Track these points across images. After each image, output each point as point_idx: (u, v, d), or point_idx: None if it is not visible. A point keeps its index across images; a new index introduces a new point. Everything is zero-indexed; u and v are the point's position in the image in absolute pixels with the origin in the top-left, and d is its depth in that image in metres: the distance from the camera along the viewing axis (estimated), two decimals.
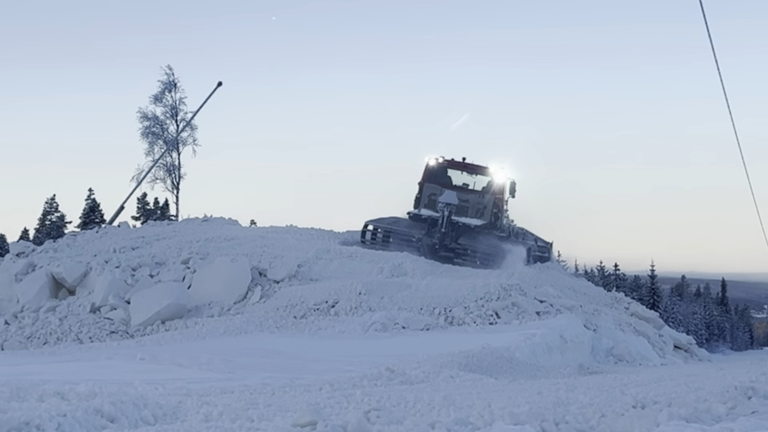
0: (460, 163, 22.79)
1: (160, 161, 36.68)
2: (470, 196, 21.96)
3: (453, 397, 6.21)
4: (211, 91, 34.83)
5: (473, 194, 22.09)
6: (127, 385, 6.75)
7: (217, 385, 7.14)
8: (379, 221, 22.08)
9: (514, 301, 15.90)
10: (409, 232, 21.42)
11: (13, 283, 17.93)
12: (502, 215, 22.33)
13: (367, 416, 4.81)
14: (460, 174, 22.88)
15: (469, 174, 22.82)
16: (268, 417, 5.10)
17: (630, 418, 4.80)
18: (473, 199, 21.85)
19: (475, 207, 21.72)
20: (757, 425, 4.34)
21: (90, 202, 44.37)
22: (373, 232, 21.80)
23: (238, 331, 13.97)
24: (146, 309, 15.71)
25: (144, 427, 4.67)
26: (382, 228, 21.73)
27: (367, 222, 21.97)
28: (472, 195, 22.04)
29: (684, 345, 20.56)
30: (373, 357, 10.47)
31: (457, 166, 22.78)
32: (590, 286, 23.31)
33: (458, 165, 22.77)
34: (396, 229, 21.59)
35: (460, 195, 21.51)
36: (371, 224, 21.89)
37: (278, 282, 17.58)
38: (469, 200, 21.74)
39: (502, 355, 10.97)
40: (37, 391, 5.56)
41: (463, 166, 22.80)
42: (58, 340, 15.40)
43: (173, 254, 19.19)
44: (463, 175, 22.87)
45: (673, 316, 52.24)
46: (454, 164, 22.76)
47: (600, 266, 59.13)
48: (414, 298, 16.02)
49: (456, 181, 22.68)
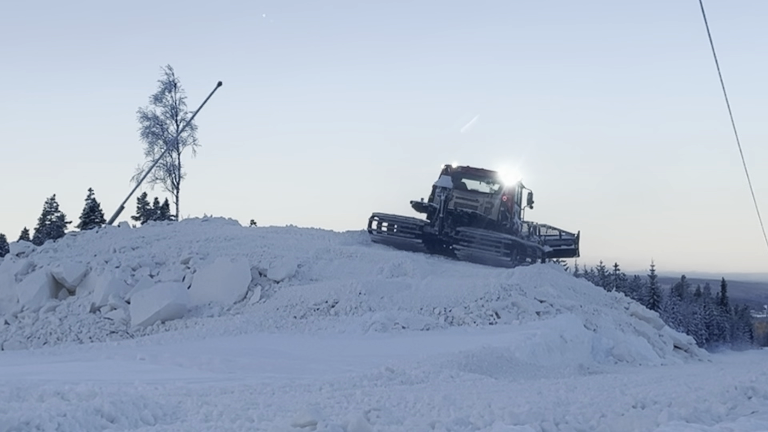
0: (473, 169, 23.72)
1: (160, 161, 36.72)
2: (480, 197, 22.99)
3: (453, 397, 6.21)
4: (211, 91, 34.87)
5: (483, 195, 23.10)
6: (127, 385, 6.75)
7: (217, 385, 7.14)
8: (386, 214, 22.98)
9: (514, 301, 15.91)
10: (413, 221, 22.28)
11: (13, 283, 17.93)
12: (512, 217, 22.93)
13: (367, 416, 4.81)
14: (474, 180, 23.80)
15: (481, 180, 23.78)
16: (268, 417, 5.10)
17: (630, 418, 4.80)
18: (482, 199, 22.85)
19: (483, 206, 22.57)
20: (757, 425, 4.33)
21: (90, 202, 44.40)
22: (379, 222, 22.68)
23: (238, 331, 13.97)
24: (146, 309, 15.71)
25: (144, 427, 4.66)
26: (387, 218, 22.60)
27: (374, 213, 22.74)
28: (482, 196, 23.05)
29: (684, 345, 20.56)
30: (373, 357, 10.47)
31: (470, 171, 23.71)
32: (590, 286, 23.29)
33: (471, 171, 23.72)
34: (400, 219, 22.49)
35: (471, 197, 22.70)
36: (377, 215, 22.72)
37: (278, 282, 17.58)
38: (478, 200, 22.76)
39: (502, 355, 10.96)
40: (37, 391, 5.55)
41: (475, 172, 23.72)
42: (58, 340, 15.40)
43: (173, 254, 19.19)
44: (476, 181, 23.80)
45: (673, 316, 52.26)
46: (467, 170, 23.68)
47: (600, 266, 59.22)
48: (414, 298, 16.03)
49: (471, 186, 23.62)
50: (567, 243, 26.07)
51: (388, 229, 22.73)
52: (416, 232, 21.97)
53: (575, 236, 26.23)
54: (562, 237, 26.10)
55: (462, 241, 21.27)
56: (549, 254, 25.45)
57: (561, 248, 26.27)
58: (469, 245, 21.12)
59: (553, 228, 26.19)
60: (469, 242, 21.15)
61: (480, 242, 21.05)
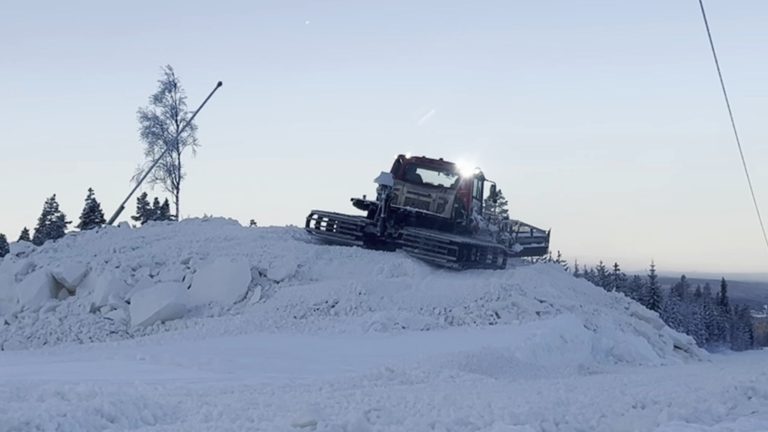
0: (427, 160, 21.73)
1: (160, 161, 36.70)
2: (433, 191, 20.97)
3: (453, 397, 6.21)
4: (211, 91, 34.80)
5: (437, 190, 21.04)
6: (127, 385, 6.74)
7: (217, 385, 7.13)
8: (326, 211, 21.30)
9: (514, 301, 15.91)
10: (354, 220, 20.57)
11: (13, 283, 17.91)
12: (468, 214, 21.11)
13: (367, 416, 4.81)
14: (430, 172, 21.92)
15: (439, 171, 21.79)
16: (268, 417, 5.10)
17: (630, 418, 4.81)
18: (435, 194, 20.82)
19: (436, 203, 20.67)
20: (757, 425, 4.33)
21: (90, 202, 44.44)
22: (318, 220, 21.06)
23: (238, 331, 13.96)
24: (146, 309, 15.70)
25: (144, 427, 4.66)
26: (328, 216, 20.98)
27: (313, 211, 21.15)
28: (435, 191, 21.01)
29: (684, 345, 20.57)
30: (373, 357, 10.45)
31: (425, 162, 21.74)
32: (590, 286, 23.28)
33: (426, 162, 21.73)
34: (342, 217, 20.80)
35: (424, 192, 20.76)
36: (316, 213, 21.08)
37: (278, 282, 17.57)
38: (431, 195, 20.77)
39: (502, 355, 10.96)
40: (37, 391, 5.55)
41: (429, 162, 21.74)
42: (58, 340, 15.39)
43: (173, 254, 19.18)
44: (432, 173, 21.93)
45: (673, 316, 52.26)
46: (421, 161, 21.75)
47: (600, 266, 59.22)
48: (414, 298, 16.03)
49: (427, 178, 21.69)
50: (538, 241, 24.84)
51: (328, 227, 20.95)
52: (356, 233, 20.31)
53: (546, 233, 25.26)
54: (533, 235, 24.86)
55: (406, 244, 19.57)
56: (520, 253, 23.87)
57: (532, 246, 24.89)
58: (413, 248, 19.38)
59: (525, 225, 25.07)
60: (413, 244, 19.42)
61: (425, 244, 19.24)
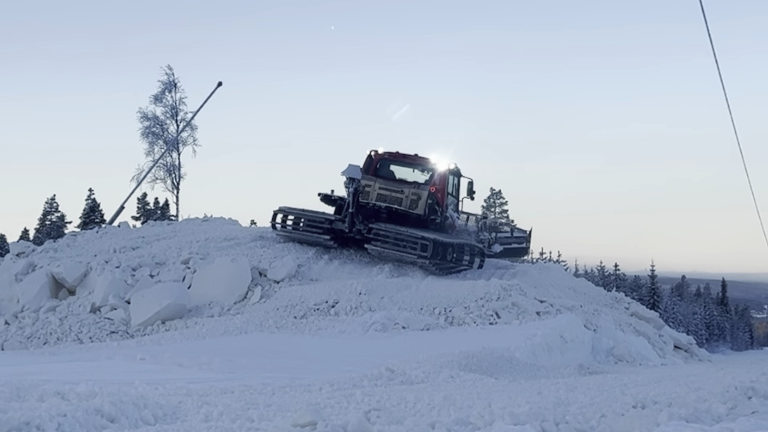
0: (401, 155, 21.15)
1: (160, 161, 36.72)
2: (406, 187, 20.24)
3: (453, 397, 6.20)
4: (211, 91, 34.79)
5: (410, 186, 20.33)
6: (127, 385, 6.74)
7: (217, 385, 7.13)
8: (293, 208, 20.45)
9: (514, 301, 15.91)
10: (321, 216, 19.91)
11: (13, 283, 17.92)
12: (443, 209, 20.51)
13: (367, 416, 4.81)
14: (404, 168, 21.28)
15: (413, 167, 21.14)
16: (268, 417, 5.09)
17: (630, 418, 4.80)
18: (408, 190, 20.10)
19: (409, 199, 19.92)
20: (757, 425, 4.33)
21: (90, 202, 44.48)
22: (284, 217, 20.26)
23: (238, 331, 13.96)
24: (146, 309, 15.70)
25: (144, 427, 4.66)
26: (294, 213, 20.21)
27: (279, 207, 20.31)
28: (408, 187, 20.28)
29: (684, 345, 20.57)
30: (373, 357, 10.45)
31: (398, 158, 21.12)
32: (590, 286, 23.27)
33: (399, 157, 21.12)
34: (308, 214, 20.04)
35: (396, 187, 20.11)
36: (282, 209, 20.28)
37: (278, 282, 17.58)
38: (404, 191, 20.07)
39: (502, 355, 10.95)
40: (37, 391, 5.54)
41: (402, 158, 21.13)
42: (58, 340, 15.40)
43: (173, 254, 19.18)
44: (406, 169, 21.29)
45: (673, 316, 52.29)
46: (394, 157, 21.12)
47: (600, 266, 59.29)
48: (414, 298, 16.04)
49: (400, 174, 21.01)
50: (519, 241, 24.24)
51: (294, 224, 20.12)
52: (324, 227, 19.60)
53: (527, 234, 24.74)
54: (513, 235, 24.34)
55: (375, 240, 18.90)
56: (500, 254, 23.34)
57: (512, 246, 24.19)
58: (383, 244, 18.80)
59: (505, 224, 24.74)
60: (383, 241, 18.80)
61: (395, 241, 18.66)
